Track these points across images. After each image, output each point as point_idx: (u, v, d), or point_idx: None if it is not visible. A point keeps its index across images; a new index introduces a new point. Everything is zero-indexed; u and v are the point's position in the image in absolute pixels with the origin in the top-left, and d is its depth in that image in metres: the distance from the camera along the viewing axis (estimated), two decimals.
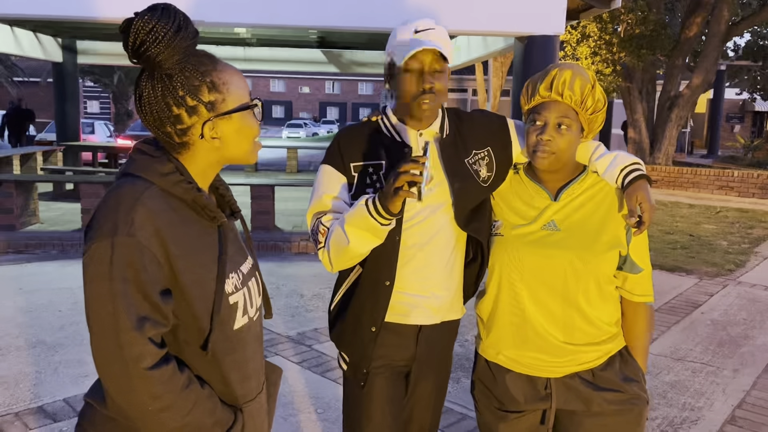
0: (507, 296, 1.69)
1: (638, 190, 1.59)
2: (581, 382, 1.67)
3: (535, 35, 6.46)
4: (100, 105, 39.90)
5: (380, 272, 1.69)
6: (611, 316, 1.70)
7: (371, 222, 1.51)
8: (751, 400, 3.60)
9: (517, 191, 1.75)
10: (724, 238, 8.39)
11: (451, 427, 3.15)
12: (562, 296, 1.64)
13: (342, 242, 1.58)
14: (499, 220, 1.74)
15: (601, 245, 1.63)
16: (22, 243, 6.84)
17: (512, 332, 1.69)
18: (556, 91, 1.59)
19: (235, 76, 1.23)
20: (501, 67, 17.05)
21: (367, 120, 1.80)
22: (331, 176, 1.72)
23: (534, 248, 1.65)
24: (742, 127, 29.83)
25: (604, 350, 1.68)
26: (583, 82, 1.60)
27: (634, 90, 15.25)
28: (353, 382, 1.79)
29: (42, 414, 3.18)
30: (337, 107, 58.76)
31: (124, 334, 1.07)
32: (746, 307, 5.44)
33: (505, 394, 1.72)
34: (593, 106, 1.62)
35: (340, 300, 1.81)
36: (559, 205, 1.67)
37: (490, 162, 1.76)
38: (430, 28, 1.65)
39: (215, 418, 1.20)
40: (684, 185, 13.55)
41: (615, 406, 1.65)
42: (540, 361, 1.67)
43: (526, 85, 1.68)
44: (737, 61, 21.98)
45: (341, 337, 1.80)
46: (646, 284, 1.70)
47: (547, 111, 1.60)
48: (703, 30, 15.35)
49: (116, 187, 1.16)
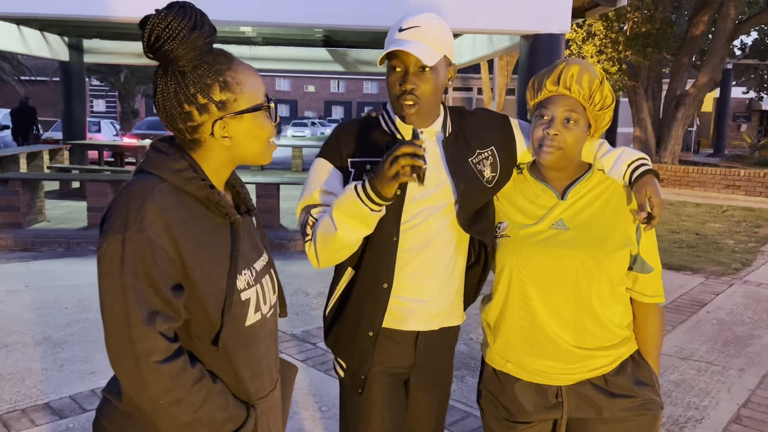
0: (516, 299, 1.64)
1: (646, 185, 1.55)
2: (593, 389, 1.62)
3: (540, 33, 6.44)
4: (107, 104, 40.03)
5: (378, 275, 1.63)
6: (623, 319, 1.66)
7: (361, 208, 1.45)
8: (756, 399, 3.59)
9: (521, 191, 1.71)
10: (730, 237, 8.36)
11: (455, 425, 3.15)
12: (575, 297, 1.59)
13: (329, 230, 1.51)
14: (504, 222, 1.69)
15: (612, 243, 1.59)
16: (29, 241, 6.87)
17: (521, 337, 1.64)
18: (563, 85, 1.56)
19: (250, 76, 1.23)
20: (506, 66, 17.00)
21: (366, 116, 1.75)
22: (327, 170, 1.66)
23: (543, 248, 1.60)
24: (748, 126, 29.69)
25: (615, 355, 1.63)
26: (591, 77, 1.57)
27: (639, 89, 15.19)
28: (351, 389, 1.73)
29: (48, 410, 3.20)
30: (342, 106, 58.74)
31: (135, 328, 1.08)
32: (752, 306, 5.41)
33: (513, 404, 1.67)
34: (601, 102, 1.59)
35: (336, 305, 1.75)
36: (567, 204, 1.63)
37: (494, 162, 1.71)
38: (415, 26, 1.57)
39: (227, 414, 1.20)
40: (690, 184, 13.49)
41: (628, 413, 1.60)
42: (550, 368, 1.62)
43: (533, 80, 1.64)
44: (744, 60, 21.88)
45: (338, 343, 1.74)
46: (656, 284, 1.66)
47: (555, 105, 1.57)
48: (709, 28, 15.29)
49: (130, 183, 1.17)
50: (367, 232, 1.53)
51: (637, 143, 15.68)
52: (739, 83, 26.01)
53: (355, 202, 1.45)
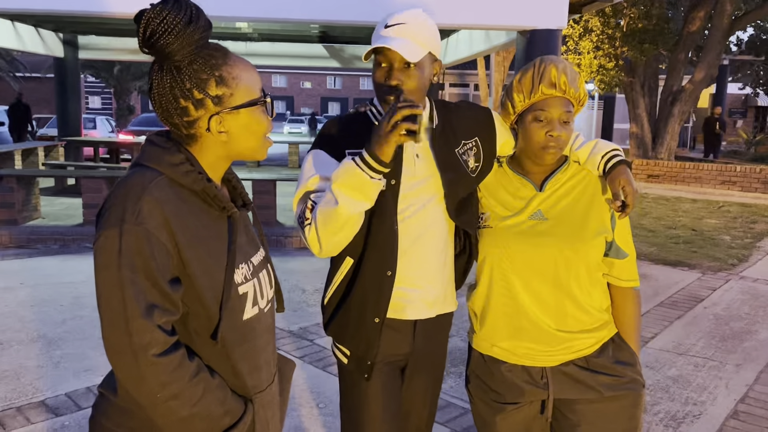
0: (499, 287, 1.71)
1: (620, 174, 1.62)
2: (577, 369, 1.69)
3: (537, 29, 6.43)
4: (102, 100, 39.89)
5: (382, 262, 1.67)
6: (601, 303, 1.73)
7: (361, 176, 1.47)
8: (753, 394, 3.59)
9: (502, 183, 1.78)
10: (726, 233, 8.37)
11: (453, 421, 3.14)
12: (554, 283, 1.66)
13: (330, 206, 1.51)
14: (486, 212, 1.76)
15: (588, 232, 1.67)
16: (24, 238, 6.84)
17: (506, 323, 1.71)
18: (560, 88, 1.62)
19: (246, 72, 1.22)
20: (503, 62, 16.98)
21: (354, 112, 1.78)
22: (323, 160, 1.66)
23: (523, 238, 1.68)
24: (744, 122, 29.75)
25: (597, 337, 1.70)
26: (580, 77, 1.66)
27: (636, 85, 15.20)
28: (356, 375, 1.76)
29: (44, 408, 3.18)
30: (338, 102, 58.69)
31: (133, 321, 1.07)
32: (749, 301, 5.42)
33: (501, 386, 1.73)
34: (584, 99, 1.69)
35: (336, 293, 1.77)
36: (545, 195, 1.71)
37: (478, 152, 1.76)
38: (401, 23, 1.60)
39: (225, 408, 1.20)
40: (686, 180, 13.52)
41: (612, 392, 1.67)
42: (535, 351, 1.68)
43: (519, 81, 1.67)
44: (740, 56, 21.92)
45: (342, 331, 1.77)
46: (632, 269, 1.74)
47: (553, 107, 1.63)
48: (705, 24, 15.30)
49: (126, 177, 1.16)
50: (368, 205, 1.55)
51: (633, 139, 15.70)
52: (735, 79, 26.06)
53: (354, 170, 1.47)
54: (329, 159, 1.66)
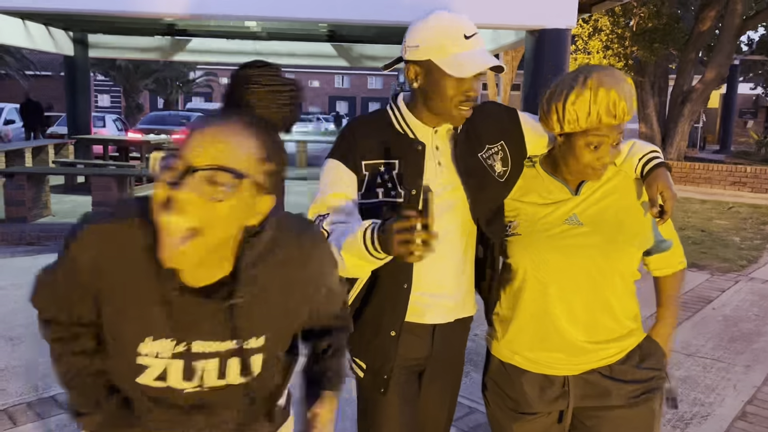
0: (530, 294, 1.64)
1: (658, 178, 1.54)
2: (600, 377, 1.64)
3: (546, 29, 6.41)
4: (111, 99, 40.05)
5: (397, 275, 1.63)
6: (633, 310, 1.68)
7: (367, 256, 1.41)
8: (762, 396, 3.57)
9: (531, 186, 1.69)
10: (736, 234, 8.32)
11: (460, 420, 3.14)
12: (591, 292, 1.60)
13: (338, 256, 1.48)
14: (514, 221, 1.68)
15: (624, 237, 1.60)
16: (34, 235, 6.88)
17: (532, 331, 1.65)
18: (619, 118, 1.50)
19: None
20: (512, 61, 16.95)
21: (383, 110, 1.72)
22: (340, 174, 1.62)
23: (558, 245, 1.60)
24: (755, 123, 29.55)
25: (623, 346, 1.65)
26: (632, 92, 1.53)
27: (646, 84, 15.13)
28: (372, 389, 1.72)
29: (54, 404, 3.20)
30: (346, 101, 58.68)
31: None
32: (758, 303, 5.39)
33: (521, 396, 1.68)
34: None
35: (352, 306, 1.71)
36: (580, 199, 1.63)
37: (505, 156, 1.69)
38: (477, 33, 1.55)
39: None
40: (696, 180, 13.43)
41: (633, 399, 1.63)
42: (560, 362, 1.63)
43: (570, 101, 1.50)
44: (751, 56, 21.74)
45: (358, 345, 1.71)
46: (679, 252, 1.76)
47: (607, 135, 1.52)
48: (716, 24, 15.20)
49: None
50: (376, 266, 1.49)
51: (642, 139, 15.54)
52: (746, 79, 25.87)
53: (362, 248, 1.40)
54: (345, 173, 1.62)
